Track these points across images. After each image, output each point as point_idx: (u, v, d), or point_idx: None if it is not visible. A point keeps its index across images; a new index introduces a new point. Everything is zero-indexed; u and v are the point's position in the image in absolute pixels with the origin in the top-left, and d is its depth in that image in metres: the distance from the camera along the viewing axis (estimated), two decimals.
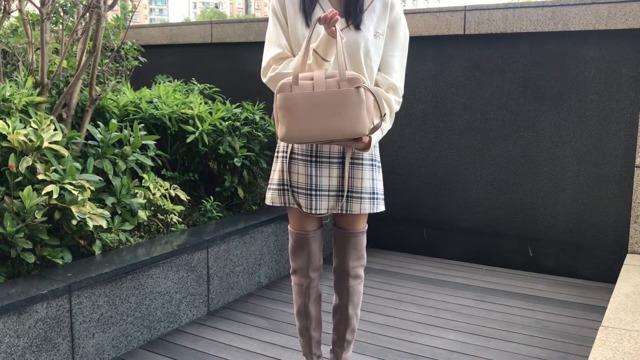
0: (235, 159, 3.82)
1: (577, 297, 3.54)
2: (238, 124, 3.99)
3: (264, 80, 2.16)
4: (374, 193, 2.21)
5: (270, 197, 2.24)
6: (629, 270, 3.20)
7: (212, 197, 3.76)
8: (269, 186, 2.28)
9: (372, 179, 2.21)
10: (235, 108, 4.14)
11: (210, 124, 3.83)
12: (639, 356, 2.15)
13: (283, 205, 2.23)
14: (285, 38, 2.13)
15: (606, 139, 3.72)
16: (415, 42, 4.18)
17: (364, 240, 2.31)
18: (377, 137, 2.13)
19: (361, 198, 2.18)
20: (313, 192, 2.16)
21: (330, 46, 1.98)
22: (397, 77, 2.18)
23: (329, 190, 2.16)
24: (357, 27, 2.10)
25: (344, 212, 2.18)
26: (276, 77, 2.10)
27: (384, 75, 2.18)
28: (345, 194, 2.16)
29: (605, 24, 3.59)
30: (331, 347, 2.46)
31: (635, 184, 3.56)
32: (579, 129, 3.79)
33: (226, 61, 5.03)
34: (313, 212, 2.16)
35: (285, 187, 2.21)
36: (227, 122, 3.94)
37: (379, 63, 2.17)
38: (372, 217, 4.26)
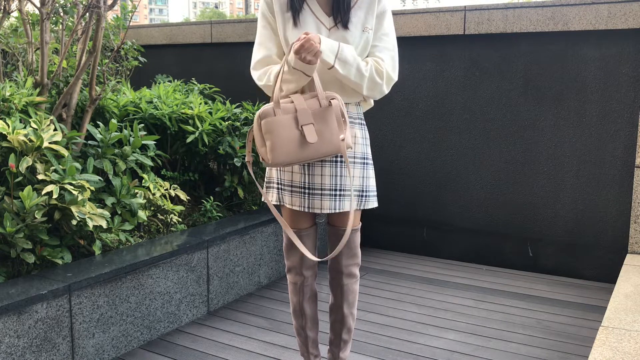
0: (235, 159, 3.82)
1: (577, 297, 3.54)
2: (238, 124, 3.99)
3: (256, 81, 2.22)
4: (363, 191, 2.23)
5: (265, 194, 2.29)
6: (629, 270, 3.20)
7: (212, 197, 3.76)
8: (265, 184, 2.32)
9: (362, 177, 2.23)
10: (235, 108, 4.14)
11: (210, 124, 3.83)
12: (639, 356, 2.15)
13: (277, 203, 2.26)
14: (274, 39, 2.17)
15: (606, 139, 3.72)
16: (415, 42, 4.19)
17: (357, 239, 2.32)
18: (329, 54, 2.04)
19: (349, 196, 2.20)
20: (307, 191, 2.18)
21: (308, 73, 2.01)
22: (389, 60, 2.20)
23: (322, 189, 2.18)
24: (345, 25, 2.12)
25: (334, 210, 2.20)
26: (266, 88, 2.19)
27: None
28: (337, 192, 2.19)
29: (605, 24, 3.59)
30: (329, 346, 2.46)
31: (635, 184, 3.56)
32: (579, 129, 3.79)
33: (226, 61, 5.03)
34: (307, 210, 2.18)
35: (280, 186, 2.24)
36: (227, 122, 3.94)
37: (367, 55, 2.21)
38: (372, 217, 4.26)
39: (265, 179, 2.32)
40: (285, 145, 1.97)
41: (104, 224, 2.78)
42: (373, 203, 2.27)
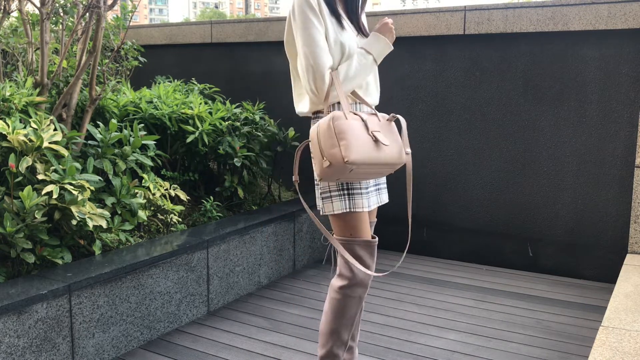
0: (235, 159, 3.82)
1: (577, 297, 3.54)
2: (238, 124, 3.99)
3: (324, 83, 2.04)
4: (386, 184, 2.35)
5: (332, 205, 2.12)
6: (629, 270, 3.20)
7: (212, 197, 3.76)
8: (322, 195, 2.14)
9: None
10: (235, 108, 4.14)
11: (210, 124, 3.83)
12: (639, 356, 2.15)
13: (347, 210, 2.10)
14: (326, 42, 2.07)
15: (606, 139, 3.72)
16: (415, 42, 4.19)
17: None
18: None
19: (385, 189, 2.33)
20: (365, 190, 2.16)
21: (387, 51, 2.15)
22: None
23: (371, 186, 2.22)
24: (368, 35, 2.22)
25: (378, 204, 2.28)
26: (351, 80, 2.12)
27: None
28: (376, 187, 2.27)
29: (605, 24, 3.59)
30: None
31: (635, 184, 3.56)
32: (579, 129, 3.79)
33: (226, 61, 5.03)
34: (368, 208, 2.16)
35: (347, 192, 2.11)
36: (227, 122, 3.94)
37: None
38: None
39: (324, 190, 2.14)
40: (361, 145, 1.94)
41: (104, 224, 2.78)
42: None
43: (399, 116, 2.11)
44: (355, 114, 2.02)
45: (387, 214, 4.42)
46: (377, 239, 2.20)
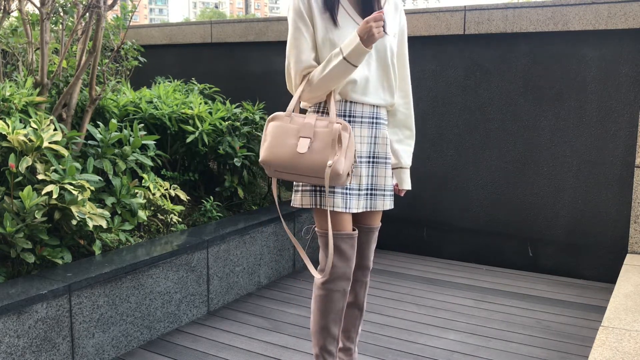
0: (235, 159, 3.82)
1: (577, 297, 3.54)
2: (238, 124, 3.99)
3: (293, 88, 2.12)
4: (392, 190, 2.30)
5: (301, 199, 2.17)
6: (629, 270, 3.20)
7: (212, 197, 3.76)
8: (296, 188, 2.19)
9: (391, 177, 2.29)
10: (235, 108, 4.14)
11: (210, 124, 3.84)
12: (639, 356, 2.15)
13: (317, 207, 2.14)
14: (311, 43, 2.09)
15: (606, 139, 3.72)
16: (415, 42, 4.19)
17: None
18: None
19: (384, 195, 2.25)
20: (347, 191, 2.15)
21: (363, 53, 1.97)
22: (409, 81, 2.34)
23: (359, 190, 2.18)
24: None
25: (369, 209, 2.22)
26: (316, 89, 2.10)
27: (401, 88, 2.31)
28: (371, 192, 2.22)
29: (605, 24, 3.59)
30: (342, 345, 2.42)
31: (635, 184, 3.56)
32: (579, 129, 3.79)
33: (226, 61, 5.03)
34: (347, 210, 2.15)
35: (320, 188, 2.13)
36: (227, 122, 3.94)
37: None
38: None
39: (297, 183, 2.18)
40: (278, 148, 2.01)
41: (104, 224, 2.78)
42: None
43: (337, 125, 2.00)
44: (303, 116, 2.06)
45: (387, 214, 4.42)
46: (357, 231, 2.22)
